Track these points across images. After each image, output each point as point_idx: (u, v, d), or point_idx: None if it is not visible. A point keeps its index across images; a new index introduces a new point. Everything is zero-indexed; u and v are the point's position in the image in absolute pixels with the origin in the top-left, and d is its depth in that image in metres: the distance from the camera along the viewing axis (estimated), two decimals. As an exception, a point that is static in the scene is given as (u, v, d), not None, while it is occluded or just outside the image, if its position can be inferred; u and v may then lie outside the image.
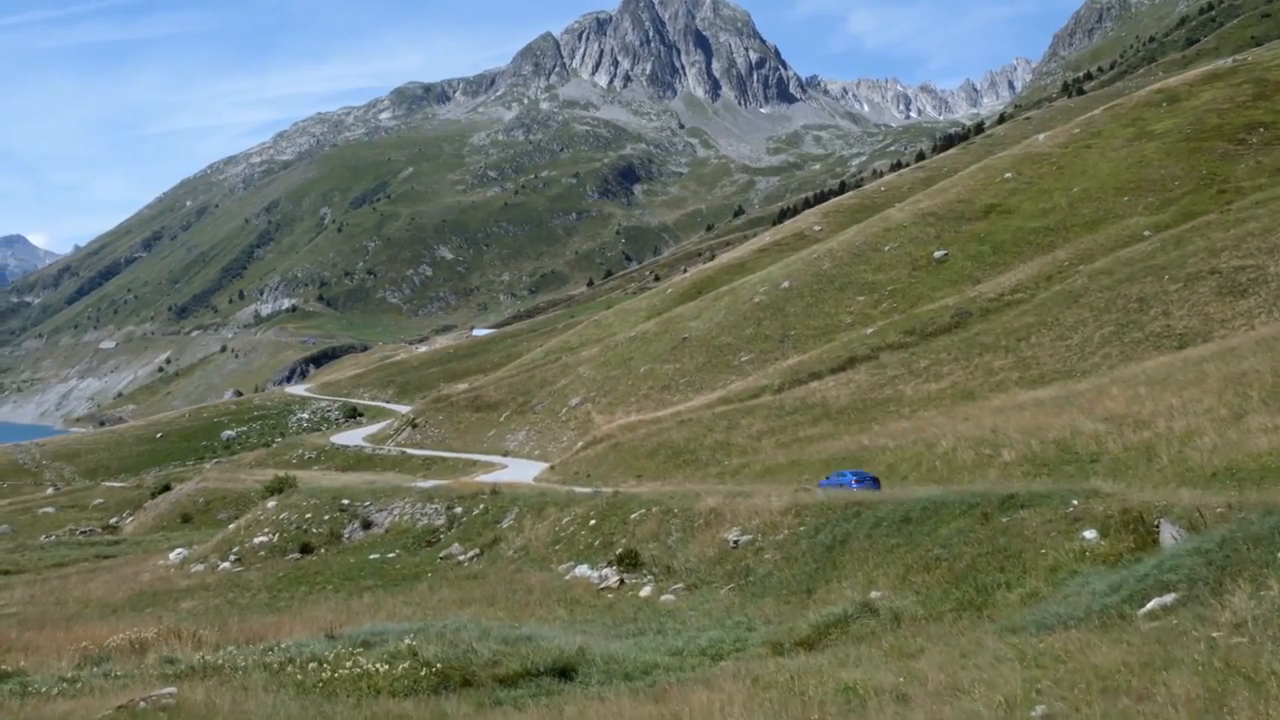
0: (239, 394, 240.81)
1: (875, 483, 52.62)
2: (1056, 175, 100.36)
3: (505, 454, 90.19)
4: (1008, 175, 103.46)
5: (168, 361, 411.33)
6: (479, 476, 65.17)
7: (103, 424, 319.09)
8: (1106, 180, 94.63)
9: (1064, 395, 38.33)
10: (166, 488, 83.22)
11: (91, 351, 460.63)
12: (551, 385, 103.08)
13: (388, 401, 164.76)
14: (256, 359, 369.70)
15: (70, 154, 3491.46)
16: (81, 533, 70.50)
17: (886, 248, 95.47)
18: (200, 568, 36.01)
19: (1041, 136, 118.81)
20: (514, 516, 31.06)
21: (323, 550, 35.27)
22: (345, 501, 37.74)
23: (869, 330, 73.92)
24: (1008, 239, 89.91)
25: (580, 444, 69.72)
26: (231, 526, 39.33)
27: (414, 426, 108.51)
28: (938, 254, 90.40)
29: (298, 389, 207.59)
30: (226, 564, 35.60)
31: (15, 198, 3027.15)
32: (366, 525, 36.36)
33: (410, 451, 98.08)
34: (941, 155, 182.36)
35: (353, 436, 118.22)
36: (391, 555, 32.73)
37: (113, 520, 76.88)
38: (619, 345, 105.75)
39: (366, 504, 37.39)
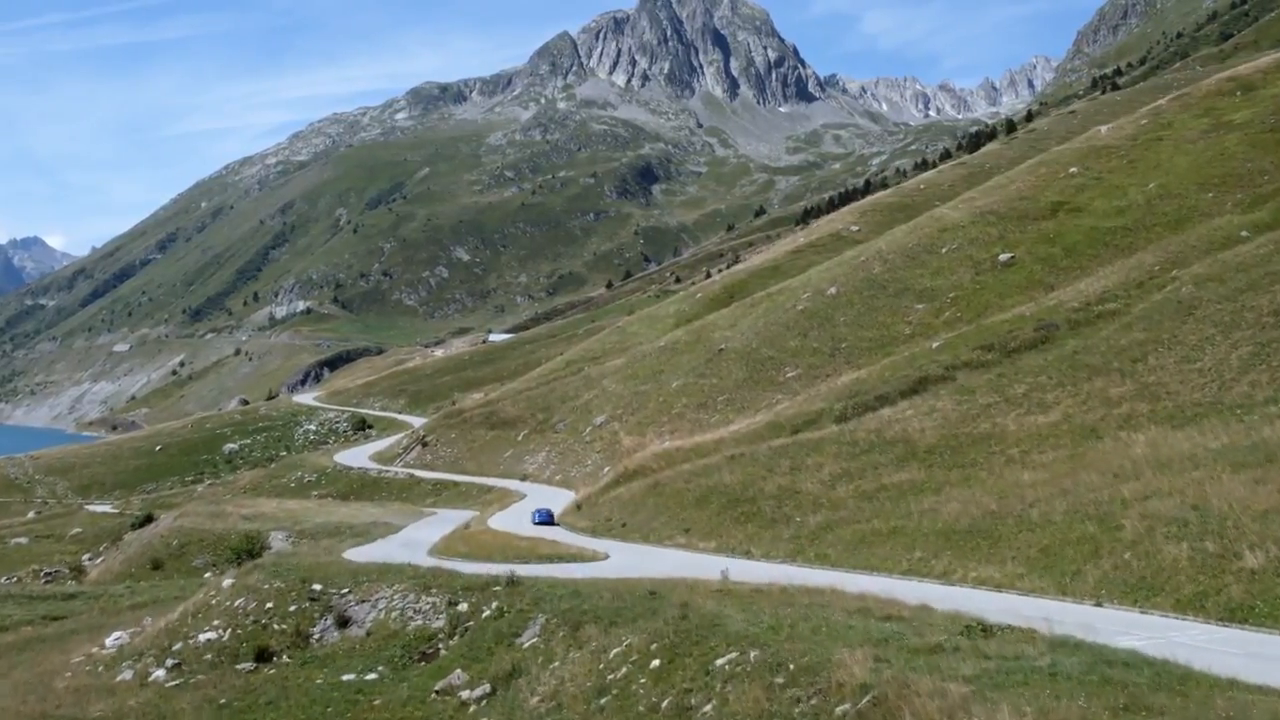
0: (245, 402, 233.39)
1: (549, 517, 50.48)
2: (1128, 170, 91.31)
3: (524, 478, 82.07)
4: (1073, 170, 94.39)
5: (181, 364, 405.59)
6: (493, 517, 56.71)
7: (115, 428, 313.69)
8: (1185, 175, 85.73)
9: (1252, 445, 29.40)
10: (150, 518, 75.46)
11: (105, 354, 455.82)
12: (574, 400, 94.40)
13: (399, 412, 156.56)
14: (270, 362, 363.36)
15: (87, 156, 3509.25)
16: (45, 574, 62.54)
17: (944, 249, 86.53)
18: (129, 675, 27.47)
19: (1104, 129, 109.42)
20: (538, 630, 22.27)
21: (284, 657, 26.54)
22: (317, 588, 28.88)
23: (935, 344, 64.91)
24: (1081, 240, 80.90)
25: (611, 475, 60.93)
26: (177, 612, 30.89)
27: (424, 444, 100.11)
28: (1003, 256, 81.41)
29: (306, 398, 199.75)
30: (161, 671, 27.05)
31: (33, 199, 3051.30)
32: (343, 622, 27.62)
33: (419, 474, 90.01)
34: (982, 151, 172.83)
35: (359, 454, 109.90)
36: (371, 677, 23.91)
37: (85, 557, 69.06)
38: (647, 356, 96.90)
39: (345, 592, 28.54)
